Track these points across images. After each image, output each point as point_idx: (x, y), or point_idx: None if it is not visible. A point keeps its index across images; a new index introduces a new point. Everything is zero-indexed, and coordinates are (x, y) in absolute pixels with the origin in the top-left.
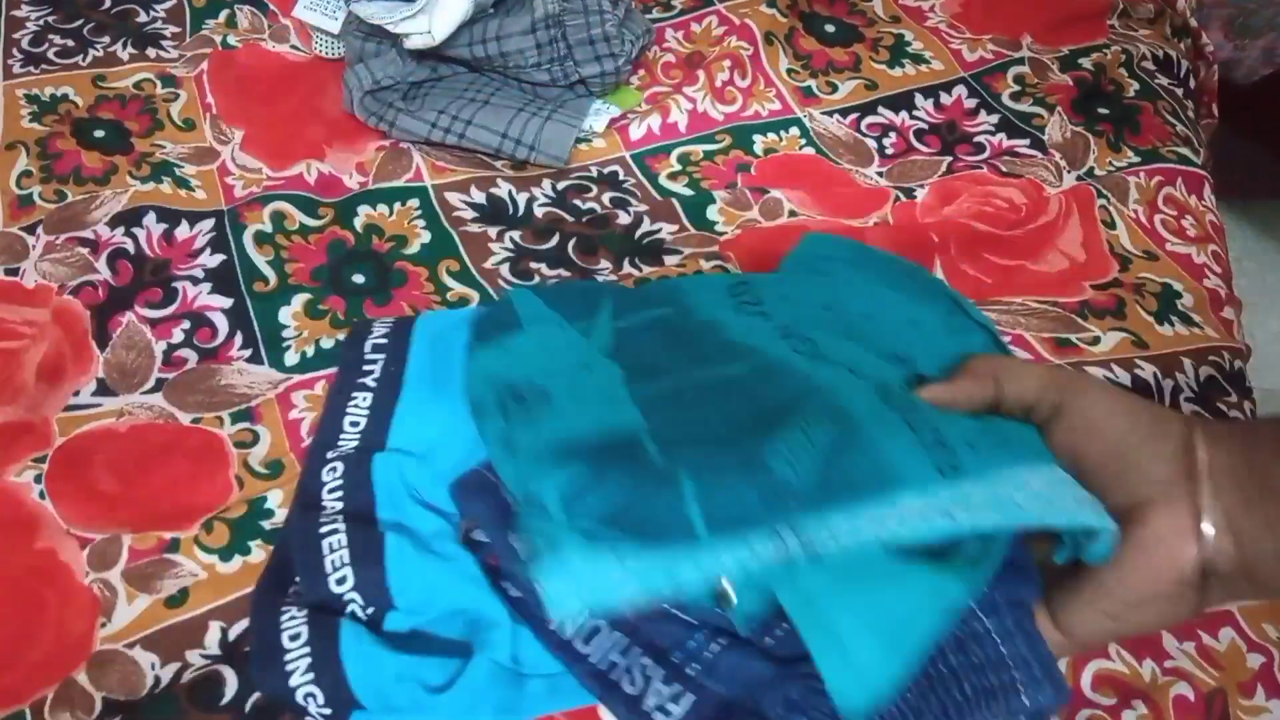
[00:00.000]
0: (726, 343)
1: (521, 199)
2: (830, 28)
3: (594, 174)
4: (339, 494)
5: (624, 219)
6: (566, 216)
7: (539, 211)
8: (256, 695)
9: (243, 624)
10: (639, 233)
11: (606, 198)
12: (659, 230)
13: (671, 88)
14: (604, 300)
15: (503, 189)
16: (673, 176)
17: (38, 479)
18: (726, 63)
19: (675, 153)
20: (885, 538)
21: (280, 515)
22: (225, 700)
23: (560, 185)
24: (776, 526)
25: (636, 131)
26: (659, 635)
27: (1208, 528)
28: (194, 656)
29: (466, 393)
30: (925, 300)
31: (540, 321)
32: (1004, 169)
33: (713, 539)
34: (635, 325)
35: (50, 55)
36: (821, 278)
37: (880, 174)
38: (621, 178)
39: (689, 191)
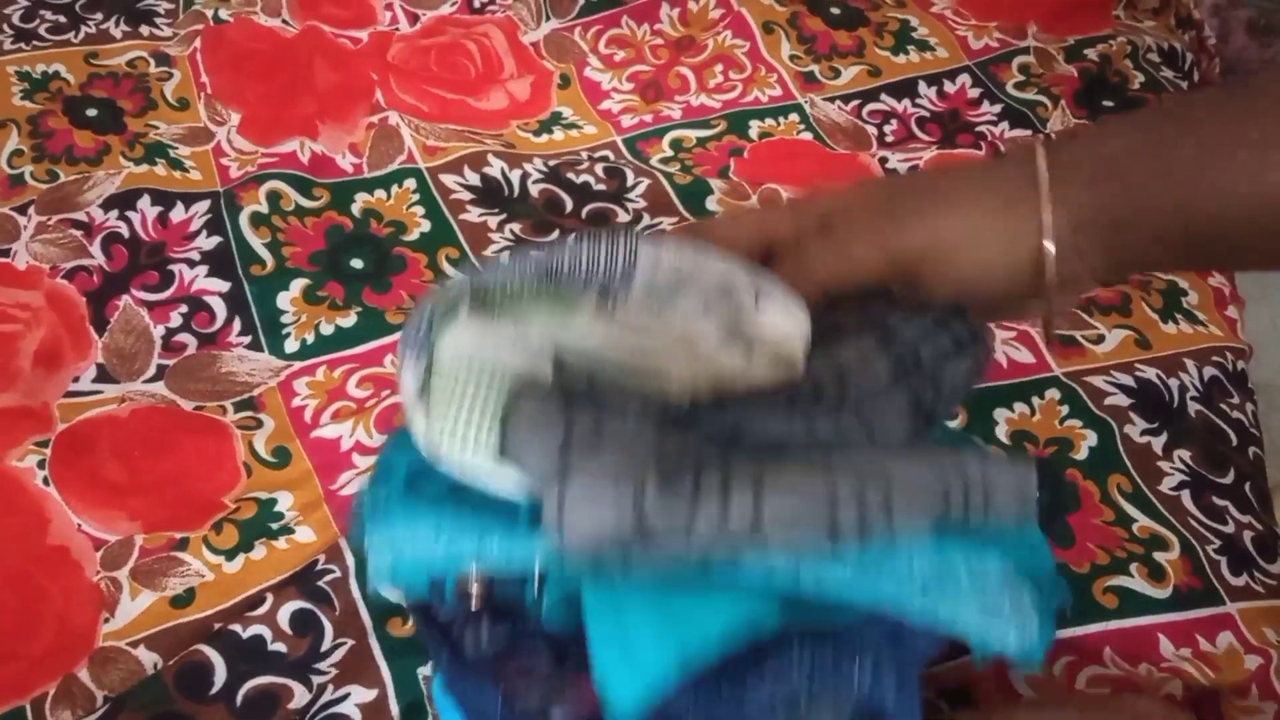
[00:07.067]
0: None
1: (515, 176)
2: (835, 10)
3: (584, 158)
4: None
5: (623, 216)
6: (566, 207)
7: (534, 190)
8: (246, 687)
9: (251, 630)
10: (639, 227)
11: (600, 169)
12: (659, 225)
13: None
14: None
15: (495, 167)
16: (665, 161)
17: (41, 464)
18: (719, 66)
19: (668, 137)
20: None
21: (290, 518)
22: (214, 690)
23: (552, 161)
24: None
25: (629, 118)
26: None
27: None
28: None
29: None
30: None
31: None
32: (1002, 149)
33: (534, 526)
34: None
35: (41, 31)
36: None
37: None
38: (612, 160)
39: (683, 178)
